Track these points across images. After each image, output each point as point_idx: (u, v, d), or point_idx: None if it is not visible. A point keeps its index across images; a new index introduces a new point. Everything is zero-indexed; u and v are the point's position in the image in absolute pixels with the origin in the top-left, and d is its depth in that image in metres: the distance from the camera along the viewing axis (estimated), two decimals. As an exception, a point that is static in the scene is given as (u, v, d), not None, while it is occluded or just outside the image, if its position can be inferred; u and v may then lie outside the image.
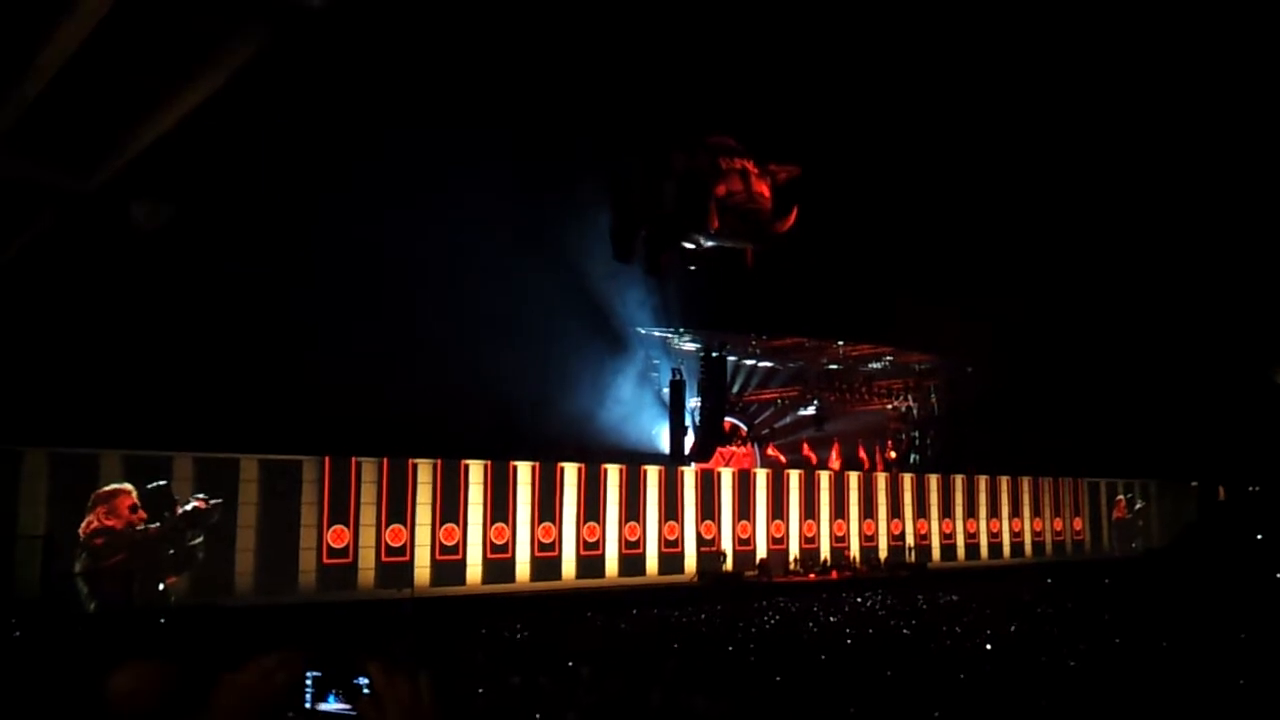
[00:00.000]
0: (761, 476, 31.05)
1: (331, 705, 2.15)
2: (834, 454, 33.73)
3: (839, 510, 32.17)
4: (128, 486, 20.60)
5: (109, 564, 20.08)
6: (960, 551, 34.84)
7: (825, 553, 31.22)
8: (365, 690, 2.05)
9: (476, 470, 25.17)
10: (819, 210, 28.20)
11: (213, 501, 21.45)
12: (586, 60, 23.86)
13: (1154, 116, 29.08)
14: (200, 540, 21.24)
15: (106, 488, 20.40)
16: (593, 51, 23.89)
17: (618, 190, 27.54)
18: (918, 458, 36.33)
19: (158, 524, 20.78)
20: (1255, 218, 31.55)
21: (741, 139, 27.96)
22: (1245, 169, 30.34)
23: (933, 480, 34.71)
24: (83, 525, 19.99)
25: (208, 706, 2.16)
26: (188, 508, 21.19)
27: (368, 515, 23.46)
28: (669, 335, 30.69)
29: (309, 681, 2.18)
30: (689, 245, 27.78)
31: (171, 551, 20.91)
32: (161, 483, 20.98)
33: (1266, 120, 28.31)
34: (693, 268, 28.30)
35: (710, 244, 27.73)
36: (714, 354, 30.99)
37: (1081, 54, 27.53)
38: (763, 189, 27.30)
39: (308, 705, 2.17)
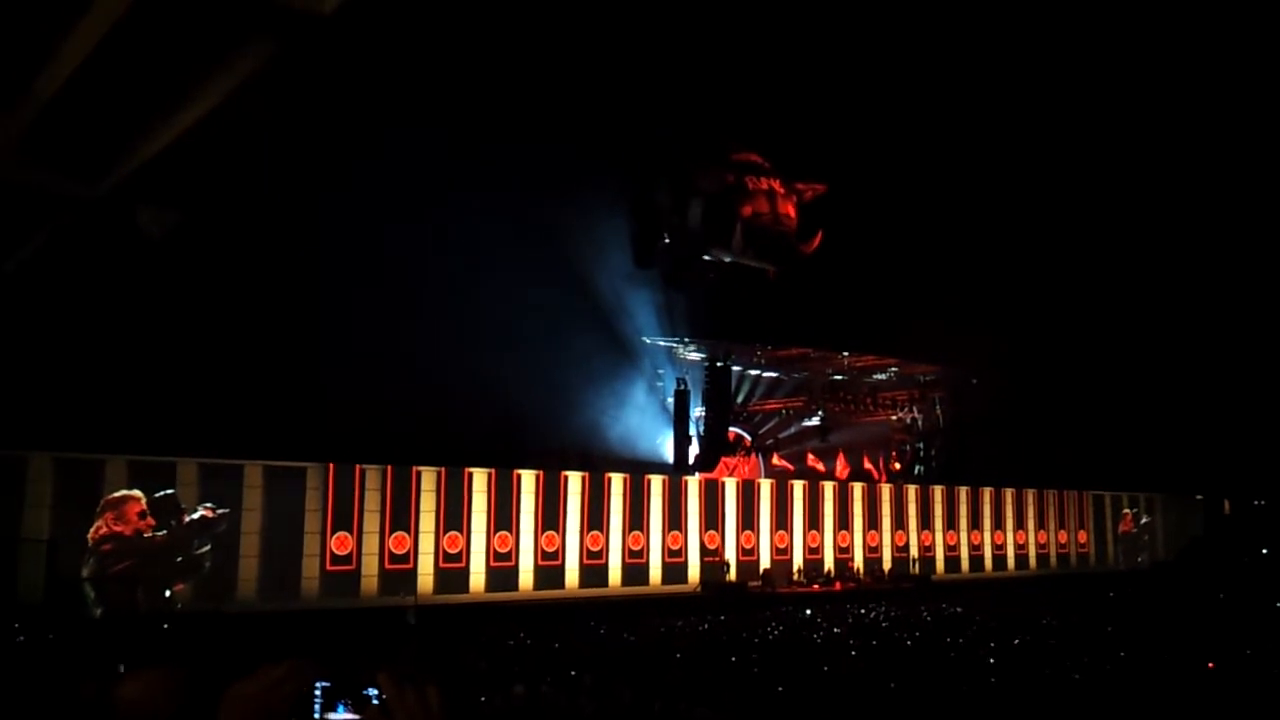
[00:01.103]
0: (765, 487, 31.04)
1: (340, 715, 2.15)
2: (841, 463, 33.71)
3: (843, 521, 32.13)
4: (137, 493, 20.63)
5: (116, 570, 20.10)
6: (964, 563, 34.78)
7: (829, 564, 31.17)
8: (374, 700, 2.06)
9: (480, 478, 25.18)
10: (826, 222, 28.24)
11: (220, 511, 21.46)
12: (600, 66, 23.89)
13: (1159, 130, 29.08)
14: (208, 549, 21.26)
15: (116, 494, 20.43)
16: (606, 57, 23.91)
17: (641, 198, 27.55)
18: (922, 469, 36.26)
19: (165, 531, 20.80)
20: (1264, 231, 31.51)
21: (758, 148, 27.98)
22: (1256, 184, 30.32)
23: (937, 492, 34.67)
24: (91, 531, 20.02)
25: (216, 715, 2.17)
26: (195, 516, 21.21)
27: (371, 522, 23.46)
28: (674, 345, 30.66)
29: (318, 691, 2.18)
30: (710, 259, 27.81)
31: (179, 559, 20.93)
32: (168, 491, 21.00)
33: (1272, 132, 28.30)
34: (711, 275, 28.30)
35: (729, 259, 27.77)
36: (719, 364, 30.94)
37: (1088, 67, 27.56)
38: (788, 209, 27.35)
39: (316, 715, 2.17)
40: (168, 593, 20.62)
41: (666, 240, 27.85)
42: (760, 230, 26.90)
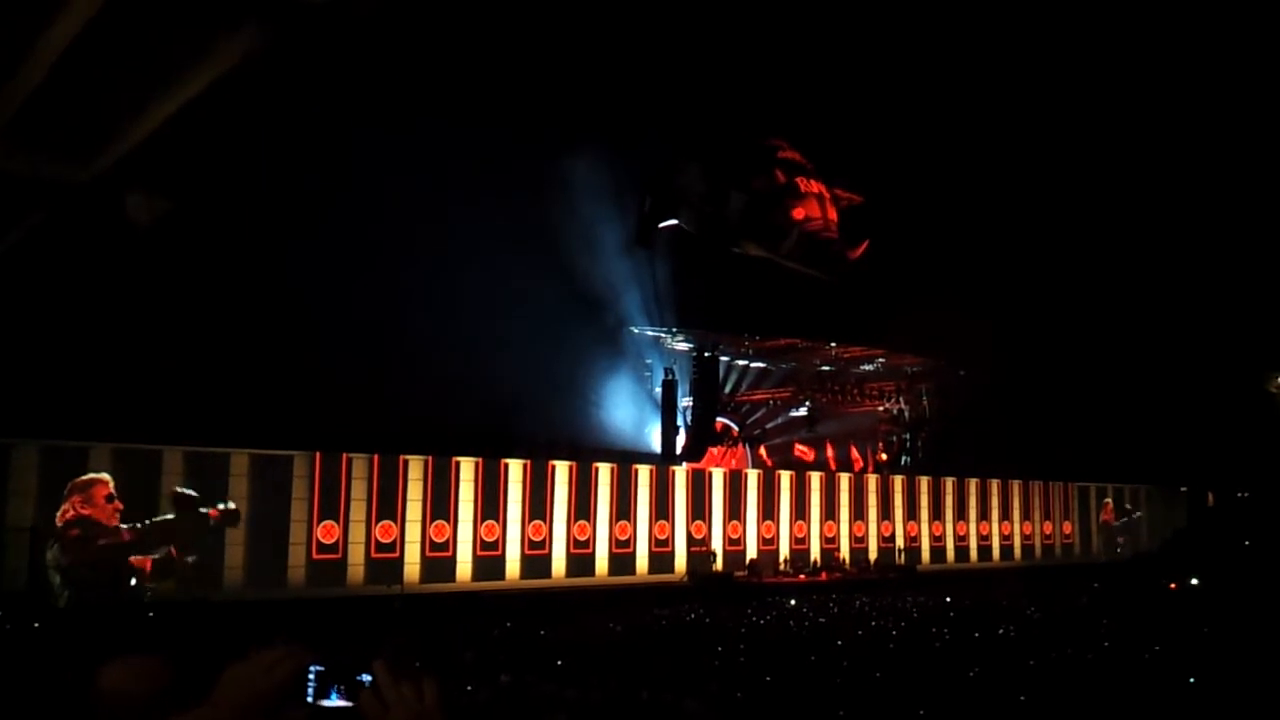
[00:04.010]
0: (753, 477, 31.08)
1: (333, 701, 2.14)
2: (828, 454, 33.82)
3: (829, 512, 32.20)
4: (104, 476, 20.45)
5: (83, 557, 19.94)
6: (950, 554, 34.91)
7: (815, 554, 31.25)
8: (367, 686, 2.05)
9: (468, 467, 25.15)
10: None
11: (225, 507, 21.49)
12: (591, 56, 23.81)
13: (1151, 118, 29.16)
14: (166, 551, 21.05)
15: (83, 477, 20.26)
16: (597, 46, 23.83)
17: (661, 179, 27.24)
18: (908, 460, 36.38)
19: (133, 525, 20.60)
20: (1250, 224, 31.65)
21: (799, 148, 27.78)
22: (1242, 173, 30.44)
23: (923, 483, 34.78)
24: (58, 514, 19.86)
25: (208, 699, 2.16)
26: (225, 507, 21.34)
27: (358, 511, 23.41)
28: (662, 335, 30.67)
29: (311, 676, 2.17)
30: (737, 252, 27.55)
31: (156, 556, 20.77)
32: (190, 492, 21.09)
33: (1265, 123, 28.41)
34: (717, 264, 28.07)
35: (755, 254, 27.56)
36: (707, 354, 30.96)
37: (1081, 55, 27.61)
38: (834, 215, 27.14)
39: (309, 700, 2.16)
40: (133, 581, 20.50)
41: (674, 223, 27.64)
42: (811, 235, 26.66)
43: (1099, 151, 30.28)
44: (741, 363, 33.65)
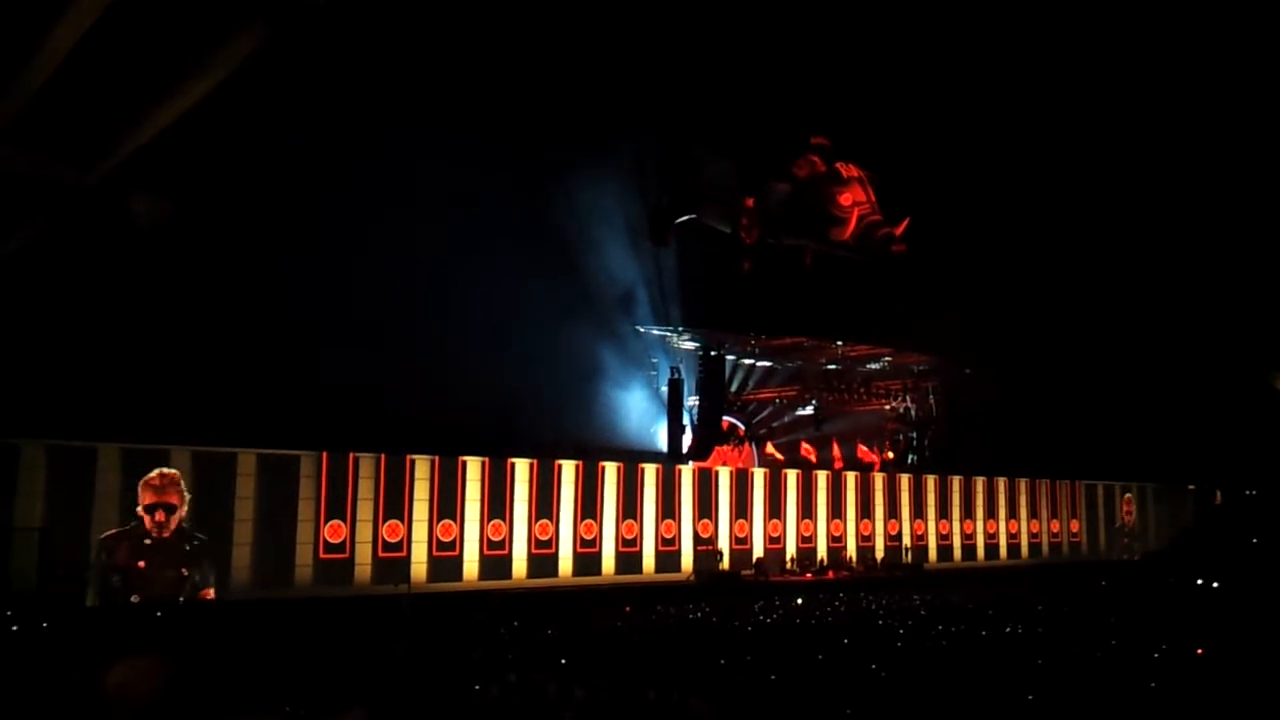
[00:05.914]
0: (759, 476, 31.06)
1: None
2: (834, 452, 33.78)
3: (836, 510, 32.17)
4: (163, 473, 20.68)
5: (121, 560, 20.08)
6: (957, 552, 34.86)
7: (822, 552, 31.23)
8: None
9: (474, 467, 25.17)
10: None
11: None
12: (595, 53, 23.80)
13: (1153, 117, 29.09)
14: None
15: (152, 473, 20.60)
16: (599, 44, 23.81)
17: (679, 174, 27.04)
18: (915, 458, 36.32)
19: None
20: (1254, 222, 31.56)
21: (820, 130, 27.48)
22: (1245, 172, 30.35)
23: (930, 481, 34.72)
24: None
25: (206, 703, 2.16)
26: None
27: (365, 511, 23.44)
28: (668, 334, 30.65)
29: None
30: (772, 242, 27.33)
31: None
32: None
33: (1266, 122, 28.32)
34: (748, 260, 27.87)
35: (800, 243, 27.31)
36: (713, 353, 30.94)
37: (1081, 53, 27.55)
38: (874, 197, 26.89)
39: None
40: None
41: (692, 218, 27.48)
42: (861, 219, 26.40)
43: (1106, 150, 30.20)
44: (747, 361, 33.63)
